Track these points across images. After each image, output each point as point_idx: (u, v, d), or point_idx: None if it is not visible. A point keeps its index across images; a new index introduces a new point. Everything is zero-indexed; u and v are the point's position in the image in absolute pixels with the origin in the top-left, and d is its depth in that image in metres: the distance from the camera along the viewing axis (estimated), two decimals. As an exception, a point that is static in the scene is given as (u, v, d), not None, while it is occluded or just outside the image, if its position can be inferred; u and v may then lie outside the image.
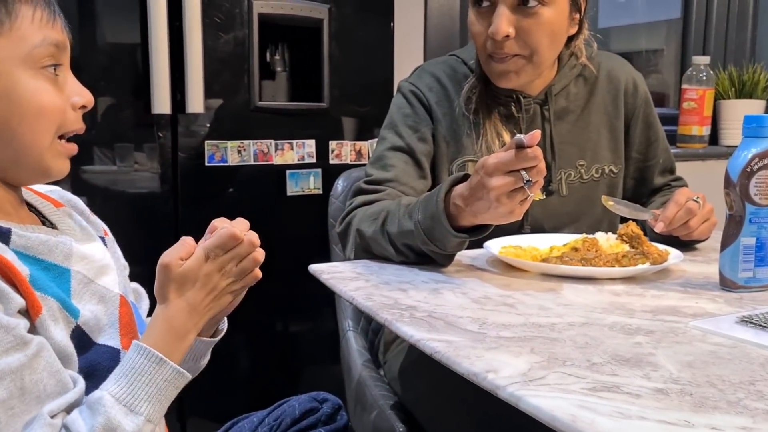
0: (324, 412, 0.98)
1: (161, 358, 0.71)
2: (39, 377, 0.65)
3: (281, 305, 1.88)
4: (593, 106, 1.33)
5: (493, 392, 0.63)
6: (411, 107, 1.31)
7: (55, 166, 0.76)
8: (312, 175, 1.84)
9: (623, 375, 0.65)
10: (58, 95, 0.73)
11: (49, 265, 0.72)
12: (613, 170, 1.34)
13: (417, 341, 0.75)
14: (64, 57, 0.75)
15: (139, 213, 1.69)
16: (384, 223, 1.11)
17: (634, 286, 0.98)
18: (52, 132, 0.73)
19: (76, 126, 0.76)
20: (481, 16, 1.19)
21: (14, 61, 0.70)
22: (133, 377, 0.70)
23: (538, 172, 0.91)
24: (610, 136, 1.34)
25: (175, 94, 1.66)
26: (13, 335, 0.63)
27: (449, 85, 1.31)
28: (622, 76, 1.36)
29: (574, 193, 1.30)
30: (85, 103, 0.76)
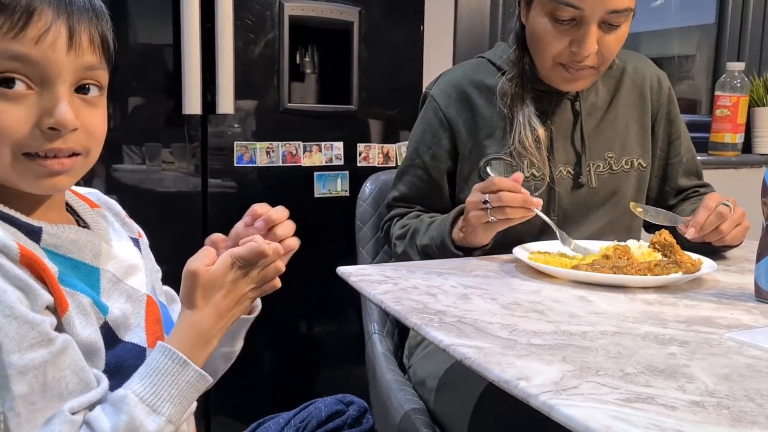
0: (350, 414, 0.98)
1: (185, 360, 0.71)
2: (62, 374, 0.65)
3: (306, 306, 1.88)
4: (620, 101, 1.36)
5: (525, 400, 0.62)
6: (429, 122, 1.37)
7: (25, 184, 0.70)
8: (339, 177, 1.84)
9: (658, 386, 0.64)
10: (8, 112, 0.66)
11: (79, 263, 0.73)
12: (642, 164, 1.36)
13: (447, 346, 0.75)
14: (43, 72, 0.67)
15: (168, 212, 1.70)
16: (412, 238, 1.31)
17: (667, 296, 0.97)
18: (4, 150, 0.67)
19: (41, 146, 0.68)
20: (562, 31, 1.21)
21: None
22: (157, 377, 0.70)
23: (497, 200, 1.09)
24: (639, 129, 1.37)
25: (205, 95, 1.67)
26: (38, 331, 0.64)
27: (471, 89, 1.34)
28: (646, 73, 1.39)
29: (604, 184, 1.33)
30: (54, 124, 0.67)
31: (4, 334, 0.62)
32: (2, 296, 0.62)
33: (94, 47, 0.71)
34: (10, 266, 0.64)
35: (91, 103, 0.72)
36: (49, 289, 0.66)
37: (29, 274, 0.65)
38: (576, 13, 1.17)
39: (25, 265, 0.65)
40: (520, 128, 1.28)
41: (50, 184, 0.70)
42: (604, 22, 1.19)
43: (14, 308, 0.63)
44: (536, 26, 1.23)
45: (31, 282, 0.65)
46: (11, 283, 0.64)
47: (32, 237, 0.70)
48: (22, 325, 0.63)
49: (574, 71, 1.24)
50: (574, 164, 1.32)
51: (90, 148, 0.72)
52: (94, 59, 0.71)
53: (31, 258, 0.65)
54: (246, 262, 0.77)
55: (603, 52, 1.22)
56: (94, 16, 0.71)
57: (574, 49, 1.20)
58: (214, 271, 0.75)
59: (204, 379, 0.73)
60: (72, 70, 0.69)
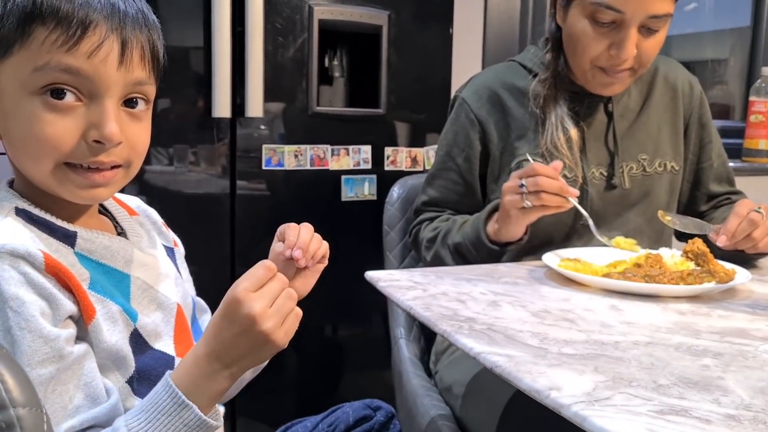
0: (377, 420, 0.98)
1: (183, 401, 0.66)
2: (65, 389, 0.65)
3: (332, 310, 1.88)
4: (652, 103, 1.36)
5: (557, 411, 0.61)
6: (460, 124, 1.36)
7: (64, 192, 0.70)
8: (367, 181, 1.84)
9: (692, 399, 0.63)
10: (58, 124, 0.67)
11: (110, 269, 0.74)
12: (675, 167, 1.36)
13: (477, 354, 0.74)
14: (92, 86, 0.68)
15: (196, 214, 1.72)
16: (444, 239, 1.30)
17: (700, 306, 0.95)
18: (48, 160, 0.68)
19: (85, 159, 0.69)
20: (602, 33, 1.20)
21: (17, 83, 0.67)
22: (153, 415, 0.66)
23: (532, 184, 1.09)
24: (671, 132, 1.36)
25: (235, 98, 1.69)
26: (50, 347, 0.64)
27: (502, 91, 1.34)
28: (678, 77, 1.39)
29: (637, 186, 1.32)
30: (98, 138, 0.68)
31: (18, 346, 0.63)
32: (21, 307, 0.63)
33: (144, 62, 0.71)
34: (34, 275, 0.64)
35: (136, 117, 0.73)
36: (75, 298, 0.67)
37: (54, 282, 0.66)
38: (617, 16, 1.16)
39: (50, 274, 0.65)
40: (552, 128, 1.28)
41: (89, 195, 0.71)
42: (643, 27, 1.18)
43: (31, 321, 0.63)
44: (575, 28, 1.22)
45: (54, 291, 0.65)
46: (35, 292, 0.64)
47: (67, 241, 0.70)
48: (36, 339, 0.63)
49: (611, 74, 1.23)
50: (607, 165, 1.31)
51: (132, 161, 0.73)
52: (143, 74, 0.72)
53: (56, 267, 0.66)
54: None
55: (641, 56, 1.21)
56: (146, 30, 0.72)
57: (613, 52, 1.20)
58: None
59: (205, 424, 0.67)
60: (121, 85, 0.70)
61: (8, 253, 0.64)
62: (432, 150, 1.93)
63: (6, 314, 0.63)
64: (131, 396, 0.71)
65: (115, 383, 0.70)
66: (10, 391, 0.43)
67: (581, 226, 1.29)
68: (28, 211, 0.70)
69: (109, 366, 0.69)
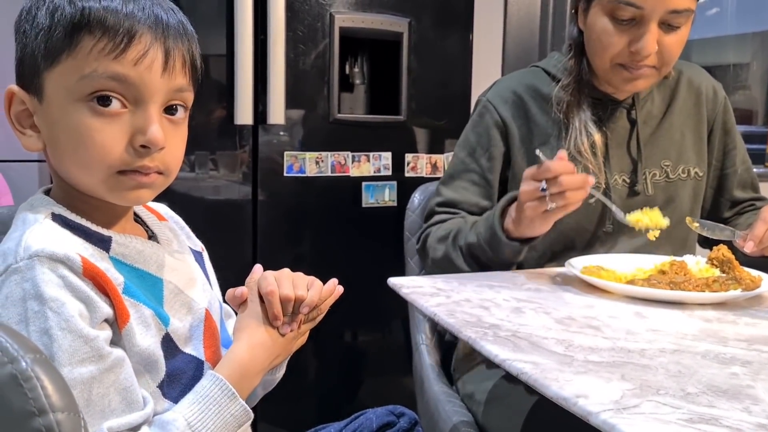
0: (401, 426, 0.98)
1: (234, 393, 0.73)
2: (105, 392, 0.66)
3: (354, 316, 1.89)
4: (675, 109, 1.35)
5: (585, 418, 0.61)
6: (484, 125, 1.35)
7: (112, 196, 0.72)
8: (387, 188, 1.85)
9: (721, 407, 0.62)
10: (106, 131, 0.69)
11: (144, 273, 0.75)
12: (698, 173, 1.34)
13: (502, 362, 0.74)
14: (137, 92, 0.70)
15: (218, 220, 1.73)
16: (455, 239, 1.24)
17: (726, 313, 0.94)
18: (99, 168, 0.70)
19: (133, 165, 0.70)
20: (622, 30, 1.20)
21: (64, 91, 0.68)
22: (206, 405, 0.71)
23: (556, 185, 1.04)
24: (695, 138, 1.35)
25: (257, 105, 1.70)
26: (90, 347, 0.65)
27: (526, 96, 1.33)
28: (702, 83, 1.38)
29: (660, 192, 1.31)
30: (145, 143, 0.70)
31: (58, 346, 0.63)
32: (61, 308, 0.64)
33: (185, 70, 0.73)
34: (73, 278, 0.65)
35: (176, 124, 0.74)
36: (111, 302, 0.68)
37: (92, 286, 0.67)
38: (636, 12, 1.16)
39: (88, 278, 0.67)
40: (576, 133, 1.27)
41: (135, 196, 0.73)
42: (664, 23, 1.18)
43: (71, 322, 0.64)
44: (595, 26, 1.22)
45: (92, 294, 0.66)
46: (74, 295, 0.65)
47: (102, 246, 0.72)
48: (77, 339, 0.64)
49: (633, 70, 1.22)
50: (630, 172, 1.30)
51: (171, 168, 0.75)
52: (184, 82, 0.74)
53: (93, 271, 0.67)
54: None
55: (663, 53, 1.20)
56: (186, 40, 0.74)
57: (634, 48, 1.19)
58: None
59: (247, 414, 0.74)
60: (164, 92, 0.72)
61: (47, 257, 0.65)
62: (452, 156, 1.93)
63: (46, 315, 0.64)
64: (161, 399, 0.72)
65: (147, 387, 0.71)
66: (49, 396, 0.44)
67: (603, 233, 1.28)
68: (64, 216, 0.72)
69: (140, 370, 0.70)
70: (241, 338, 0.78)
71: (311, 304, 0.80)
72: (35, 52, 0.69)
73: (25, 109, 0.72)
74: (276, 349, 0.80)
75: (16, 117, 0.73)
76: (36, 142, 0.73)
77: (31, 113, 0.72)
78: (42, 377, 0.44)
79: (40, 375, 0.44)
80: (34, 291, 0.64)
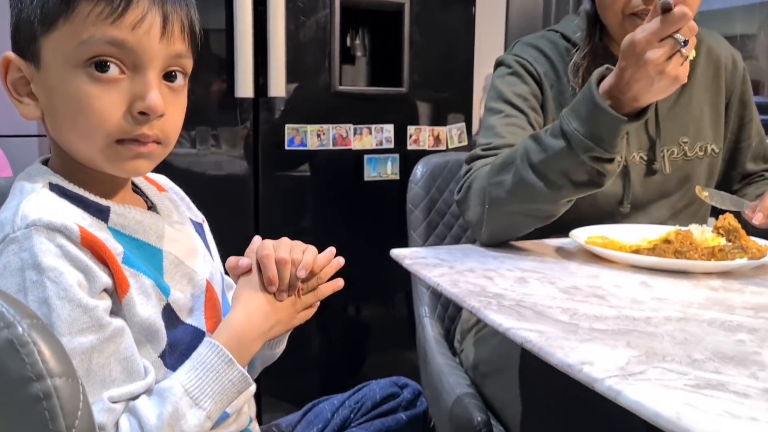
0: (404, 397, 0.98)
1: (231, 359, 0.72)
2: (106, 361, 0.66)
3: (356, 289, 1.88)
4: (694, 82, 1.29)
5: (590, 385, 0.61)
6: (518, 77, 1.25)
7: (110, 167, 0.71)
8: (390, 161, 1.83)
9: (728, 373, 0.62)
10: (105, 98, 0.68)
11: (143, 244, 0.74)
12: (715, 149, 1.30)
13: (507, 330, 0.74)
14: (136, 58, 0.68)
15: (219, 194, 1.72)
16: (526, 159, 1.04)
17: (732, 282, 0.94)
18: (98, 136, 0.69)
19: (132, 132, 0.69)
20: None
21: (61, 57, 0.67)
22: (203, 372, 0.71)
23: (690, 30, 0.90)
24: (712, 113, 1.30)
25: (257, 78, 1.68)
26: (90, 316, 0.64)
27: (554, 57, 1.26)
28: (721, 52, 1.32)
29: (677, 170, 1.27)
30: (144, 109, 0.69)
31: (57, 316, 0.63)
32: (60, 278, 0.63)
33: (184, 35, 0.72)
34: (71, 247, 0.65)
35: (175, 91, 0.73)
36: (110, 271, 0.67)
37: (90, 255, 0.66)
38: None
39: (86, 247, 0.66)
40: None
41: (132, 167, 0.72)
42: None
43: (69, 291, 0.64)
44: None
45: (91, 264, 0.66)
46: (72, 265, 0.65)
47: (100, 216, 0.71)
48: (76, 308, 0.64)
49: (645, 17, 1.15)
50: (647, 150, 1.25)
51: (170, 137, 0.74)
52: (183, 47, 0.72)
53: (92, 240, 0.66)
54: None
55: None
56: (184, 5, 0.72)
57: None
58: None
59: (246, 380, 0.74)
60: (163, 57, 0.70)
61: (45, 226, 0.64)
62: (455, 128, 1.91)
63: (44, 285, 0.63)
64: (163, 369, 0.72)
65: (148, 357, 0.71)
66: (47, 361, 0.44)
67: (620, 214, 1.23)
68: (62, 186, 0.71)
69: (141, 340, 0.70)
70: (238, 305, 0.78)
71: (306, 266, 0.79)
72: (31, 18, 0.68)
73: (22, 76, 0.71)
74: (274, 315, 0.79)
75: (13, 85, 0.71)
76: (34, 110, 0.71)
77: (28, 81, 0.71)
78: (39, 342, 0.44)
79: (37, 340, 0.44)
80: (32, 261, 0.63)
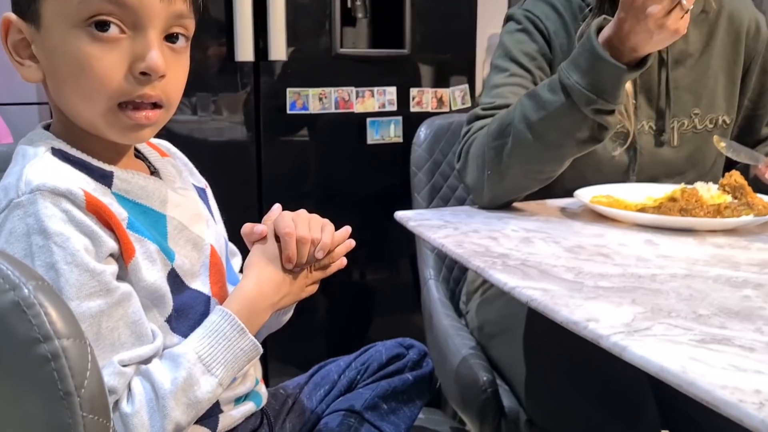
0: (410, 358, 0.98)
1: (243, 328, 0.73)
2: (114, 325, 0.66)
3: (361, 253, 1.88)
4: (713, 49, 1.23)
5: (596, 342, 0.61)
6: (527, 34, 1.20)
7: (111, 134, 0.71)
8: (393, 123, 1.82)
9: (733, 328, 0.62)
10: (106, 58, 0.67)
11: (147, 209, 0.74)
12: (726, 120, 1.24)
13: (512, 289, 0.74)
14: (136, 17, 0.67)
15: (222, 160, 1.72)
16: (523, 119, 1.02)
17: (738, 239, 0.93)
18: (100, 99, 0.68)
19: (134, 94, 0.68)
20: None
21: (60, 16, 0.66)
22: (215, 340, 0.71)
23: None
24: (727, 82, 1.24)
25: (257, 42, 1.66)
26: (97, 281, 0.64)
27: (567, 15, 1.21)
28: (744, 16, 1.25)
29: (686, 144, 1.22)
30: (145, 69, 0.67)
31: (65, 281, 0.63)
32: (66, 243, 0.63)
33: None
34: (76, 212, 0.64)
35: (177, 52, 0.72)
36: (116, 236, 0.67)
37: (95, 221, 0.66)
38: None
39: (91, 212, 0.66)
40: None
41: (135, 135, 0.72)
42: None
43: (77, 256, 0.63)
44: None
45: (96, 229, 0.65)
46: (78, 230, 0.64)
47: (104, 181, 0.70)
48: (83, 273, 0.64)
49: None
50: (657, 120, 1.21)
51: (171, 100, 0.72)
52: (184, 8, 0.71)
53: (97, 205, 0.66)
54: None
55: None
56: None
57: None
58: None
59: (256, 349, 0.75)
60: (164, 17, 0.69)
61: (50, 191, 0.64)
62: (458, 90, 1.90)
63: (51, 249, 0.63)
64: (170, 333, 0.72)
65: (155, 322, 0.71)
66: (53, 322, 0.44)
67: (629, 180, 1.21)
68: (64, 151, 0.70)
69: (148, 305, 0.70)
70: (250, 275, 0.78)
71: (325, 248, 0.80)
72: None
73: (23, 38, 0.69)
74: (284, 287, 0.80)
75: (14, 47, 0.70)
76: (35, 73, 0.70)
77: (29, 42, 0.69)
78: (45, 304, 0.44)
79: (43, 302, 0.44)
80: (37, 226, 0.63)
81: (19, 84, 0.73)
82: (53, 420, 0.45)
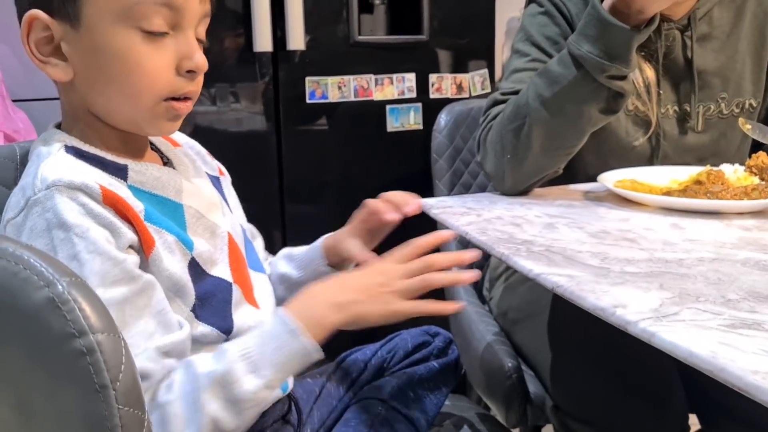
0: (436, 345, 0.98)
1: (295, 329, 0.71)
2: (139, 314, 0.66)
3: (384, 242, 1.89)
4: (740, 31, 1.19)
5: (623, 328, 0.61)
6: (549, 17, 1.17)
7: (152, 128, 0.74)
8: (412, 110, 1.82)
9: (764, 312, 0.61)
10: (156, 58, 0.70)
11: (163, 200, 0.74)
12: (753, 104, 1.21)
13: (537, 276, 0.73)
14: (179, 17, 0.70)
15: (242, 152, 1.73)
16: (537, 98, 1.02)
17: (765, 221, 0.92)
18: (149, 95, 0.70)
19: (182, 91, 0.72)
20: None
21: (110, 17, 0.67)
22: (266, 339, 0.70)
23: None
24: (754, 66, 1.21)
25: (275, 31, 1.66)
26: (120, 269, 0.65)
27: None
28: None
29: (711, 129, 1.19)
30: (193, 67, 0.71)
31: (89, 270, 0.63)
32: (86, 234, 0.64)
33: None
34: (93, 205, 0.65)
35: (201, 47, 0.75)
36: (135, 228, 0.68)
37: (113, 213, 0.66)
38: None
39: (108, 205, 0.66)
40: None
41: (172, 126, 0.75)
42: None
43: (98, 245, 0.64)
44: None
45: (115, 221, 0.66)
46: (96, 222, 0.65)
47: (119, 175, 0.71)
48: (106, 261, 0.64)
49: None
50: (681, 104, 1.18)
51: (199, 93, 0.76)
52: (210, 7, 0.75)
53: (113, 198, 0.66)
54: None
55: None
56: None
57: None
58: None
59: (317, 352, 0.72)
60: (199, 16, 0.73)
61: (65, 185, 0.64)
62: (478, 75, 1.89)
63: (72, 241, 0.64)
64: (196, 322, 0.72)
65: (180, 312, 0.71)
66: (88, 317, 0.44)
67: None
68: (77, 148, 0.71)
69: (171, 296, 0.70)
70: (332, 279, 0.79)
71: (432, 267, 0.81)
72: None
73: (48, 35, 0.69)
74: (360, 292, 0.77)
75: (36, 44, 0.70)
76: (64, 70, 0.70)
77: (54, 39, 0.70)
78: (79, 300, 0.45)
79: (77, 297, 0.45)
80: (56, 220, 0.64)
81: (43, 80, 0.74)
82: (89, 412, 0.45)
